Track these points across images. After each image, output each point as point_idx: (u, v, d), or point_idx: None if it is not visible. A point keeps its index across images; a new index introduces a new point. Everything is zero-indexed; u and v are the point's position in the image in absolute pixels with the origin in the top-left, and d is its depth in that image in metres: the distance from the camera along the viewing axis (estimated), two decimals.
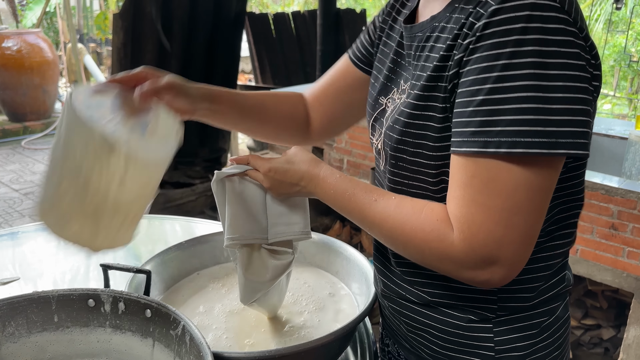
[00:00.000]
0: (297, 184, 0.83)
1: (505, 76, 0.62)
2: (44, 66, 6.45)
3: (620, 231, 2.32)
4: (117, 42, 3.81)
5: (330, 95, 1.02)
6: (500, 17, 0.63)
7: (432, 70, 0.72)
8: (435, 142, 0.73)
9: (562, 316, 0.85)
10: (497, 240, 0.65)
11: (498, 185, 0.64)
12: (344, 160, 3.43)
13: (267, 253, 0.89)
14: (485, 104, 0.64)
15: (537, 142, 0.62)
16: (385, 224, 0.74)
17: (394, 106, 0.82)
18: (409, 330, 0.89)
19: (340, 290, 1.11)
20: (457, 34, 0.68)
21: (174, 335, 0.81)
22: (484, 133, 0.64)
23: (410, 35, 0.81)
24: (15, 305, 0.84)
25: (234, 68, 4.64)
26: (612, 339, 2.77)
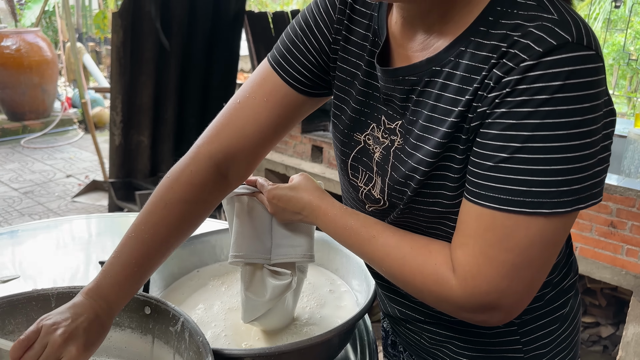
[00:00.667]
0: (299, 212, 0.83)
1: (535, 136, 0.58)
2: (43, 65, 6.45)
3: (619, 229, 2.32)
4: (116, 41, 3.81)
5: (269, 135, 0.82)
6: (536, 74, 0.58)
7: (449, 127, 0.65)
8: (455, 191, 0.68)
9: (574, 305, 0.86)
10: (500, 291, 0.64)
11: (512, 242, 0.62)
12: None
13: (268, 273, 0.89)
14: (510, 162, 0.60)
15: (563, 201, 0.59)
16: (384, 262, 0.73)
17: (386, 148, 0.75)
18: (431, 345, 0.88)
19: (341, 287, 1.11)
20: (477, 86, 0.63)
21: (173, 331, 0.81)
22: (506, 191, 0.61)
23: (394, 79, 0.71)
24: (15, 303, 0.84)
25: (233, 67, 4.64)
26: (611, 337, 2.77)
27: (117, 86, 3.93)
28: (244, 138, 0.81)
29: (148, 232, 0.79)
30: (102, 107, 6.89)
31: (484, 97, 0.62)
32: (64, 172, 5.28)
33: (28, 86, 6.37)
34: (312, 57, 0.80)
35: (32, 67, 6.33)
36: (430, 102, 0.68)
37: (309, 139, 3.63)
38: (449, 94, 0.66)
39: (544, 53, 0.58)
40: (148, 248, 0.79)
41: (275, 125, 0.81)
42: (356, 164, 0.80)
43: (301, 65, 0.80)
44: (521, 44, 0.59)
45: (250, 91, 0.82)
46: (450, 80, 0.66)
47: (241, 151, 0.82)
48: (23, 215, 4.22)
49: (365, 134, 0.78)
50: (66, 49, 7.53)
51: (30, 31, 6.61)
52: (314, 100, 0.84)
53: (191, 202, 0.81)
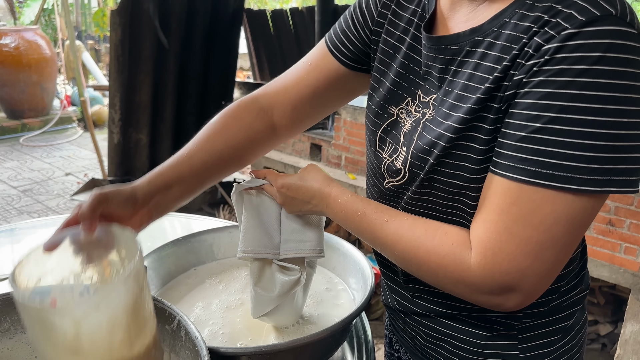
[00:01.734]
0: (309, 202, 0.82)
1: (571, 107, 0.58)
2: (42, 63, 6.44)
3: (617, 227, 2.32)
4: (115, 39, 3.81)
5: (307, 95, 0.91)
6: (576, 43, 0.57)
7: (483, 93, 0.65)
8: (478, 165, 0.68)
9: (581, 318, 0.85)
10: (521, 271, 0.63)
11: (537, 218, 0.61)
12: (342, 157, 3.43)
13: (278, 268, 0.89)
14: (543, 133, 0.59)
15: (593, 179, 0.58)
16: (397, 245, 0.72)
17: (415, 121, 0.76)
18: (427, 341, 0.87)
19: (337, 285, 1.11)
20: (516, 54, 0.62)
21: (169, 330, 0.81)
22: (536, 162, 0.60)
23: (437, 47, 0.73)
24: (12, 301, 0.83)
25: (232, 65, 4.64)
26: (610, 335, 2.78)
27: (116, 84, 3.93)
28: (286, 92, 0.92)
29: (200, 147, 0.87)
30: (101, 105, 6.88)
31: (522, 65, 0.62)
32: (63, 170, 5.27)
33: (27, 84, 6.36)
34: (357, 30, 0.87)
35: (31, 65, 6.31)
36: (468, 71, 0.69)
37: (308, 137, 3.63)
38: (488, 62, 0.66)
39: (585, 22, 0.57)
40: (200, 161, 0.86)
41: (314, 87, 0.90)
42: (385, 135, 0.82)
43: (345, 37, 0.88)
44: (564, 13, 0.59)
45: (303, 59, 0.93)
46: (490, 50, 0.66)
47: (281, 101, 0.92)
48: (22, 214, 4.22)
49: (399, 107, 0.80)
50: (65, 47, 7.52)
51: (29, 29, 6.60)
52: (353, 75, 0.89)
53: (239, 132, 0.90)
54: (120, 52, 3.84)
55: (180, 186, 0.83)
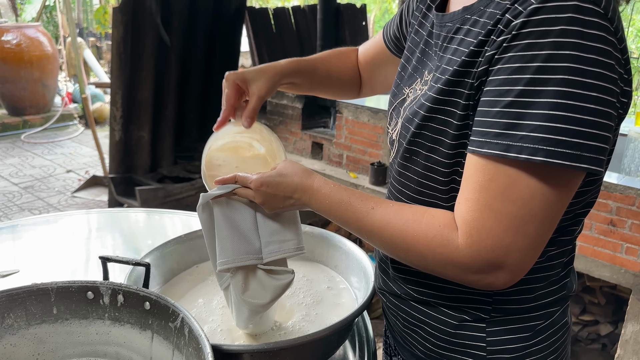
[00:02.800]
0: (291, 196, 0.81)
1: (537, 79, 0.59)
2: (44, 60, 6.44)
3: (618, 227, 2.32)
4: (117, 36, 3.80)
5: (371, 65, 1.10)
6: (540, 17, 0.60)
7: (459, 65, 0.69)
8: (453, 140, 0.70)
9: (560, 321, 0.83)
10: (505, 246, 0.64)
11: (515, 193, 0.63)
12: (343, 156, 3.43)
13: (264, 274, 0.86)
14: (513, 106, 0.61)
15: (560, 152, 0.59)
16: (384, 231, 0.73)
17: (414, 97, 0.80)
18: (404, 326, 0.89)
19: (339, 284, 1.11)
20: (491, 29, 0.65)
21: (172, 327, 0.81)
22: (507, 136, 0.61)
23: (440, 24, 0.78)
24: (15, 297, 0.84)
25: (234, 63, 4.64)
26: (610, 335, 2.78)
27: (118, 81, 3.93)
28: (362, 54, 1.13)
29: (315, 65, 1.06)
30: (103, 103, 6.88)
31: (493, 41, 0.64)
32: (64, 167, 5.27)
33: (28, 81, 6.36)
34: (401, 22, 0.98)
35: (32, 62, 6.32)
36: (454, 47, 0.73)
37: (309, 135, 3.63)
38: (470, 38, 0.70)
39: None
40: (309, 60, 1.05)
41: (373, 60, 1.10)
42: (394, 112, 0.88)
43: (395, 26, 1.01)
44: None
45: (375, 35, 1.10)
46: (474, 27, 0.70)
47: (360, 62, 1.13)
48: (23, 210, 4.23)
49: (411, 87, 0.85)
50: (67, 44, 7.52)
51: (31, 26, 6.60)
52: (391, 57, 1.04)
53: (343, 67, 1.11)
54: (122, 50, 3.84)
55: (301, 79, 1.01)
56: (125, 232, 1.58)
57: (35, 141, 6.12)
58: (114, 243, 1.49)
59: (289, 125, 3.71)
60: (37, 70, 6.38)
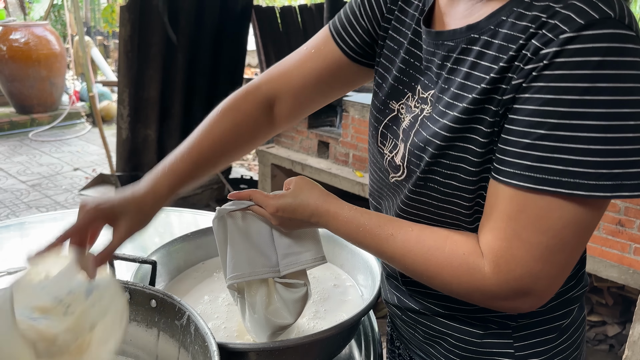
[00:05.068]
0: (308, 220, 0.80)
1: (574, 113, 0.57)
2: (52, 58, 6.46)
3: (627, 227, 2.31)
4: (124, 35, 3.81)
5: (308, 83, 0.89)
6: (575, 47, 0.56)
7: (480, 93, 0.64)
8: (475, 167, 0.67)
9: (579, 317, 0.84)
10: (534, 275, 0.63)
11: (546, 223, 0.61)
12: (349, 155, 3.42)
13: (282, 288, 0.86)
14: (547, 139, 0.58)
15: (602, 185, 0.57)
16: (406, 259, 0.72)
17: (414, 117, 0.75)
18: (425, 339, 0.87)
19: (345, 281, 1.11)
20: (514, 55, 0.61)
21: (178, 325, 0.81)
22: (542, 169, 0.59)
23: (435, 42, 0.72)
24: None
25: (241, 61, 4.64)
26: (617, 336, 2.76)
27: (125, 80, 3.94)
28: (289, 81, 0.90)
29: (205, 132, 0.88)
30: (110, 101, 6.91)
31: (520, 68, 0.61)
32: (71, 165, 5.30)
33: (36, 79, 6.39)
34: (364, 24, 0.85)
35: (40, 61, 6.34)
36: (465, 70, 0.68)
37: (316, 134, 3.62)
38: (485, 62, 0.65)
39: (584, 26, 0.56)
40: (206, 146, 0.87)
41: (317, 76, 0.88)
42: (386, 131, 0.81)
43: (352, 30, 0.85)
44: (562, 14, 0.58)
45: (306, 45, 0.91)
46: (487, 49, 0.65)
47: (285, 92, 0.91)
48: (30, 208, 4.25)
49: (400, 103, 0.79)
50: (74, 42, 7.55)
51: (39, 24, 6.63)
52: (357, 68, 0.88)
53: (244, 113, 0.90)
54: (130, 48, 3.84)
55: (191, 181, 0.87)
56: None
57: (43, 139, 6.15)
58: None
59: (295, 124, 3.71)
60: (45, 68, 6.41)
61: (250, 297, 0.86)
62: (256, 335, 0.90)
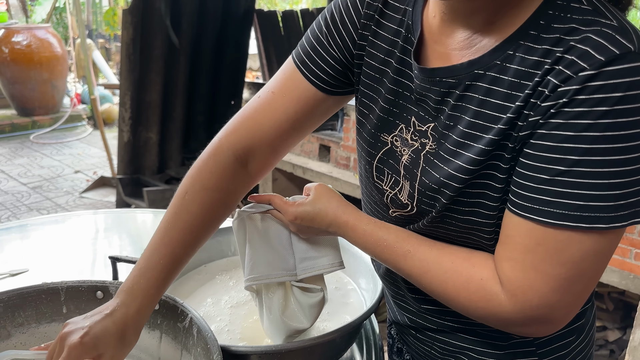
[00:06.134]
0: (326, 229, 0.79)
1: (594, 149, 0.56)
2: (53, 61, 6.49)
3: (627, 233, 2.31)
4: (126, 38, 3.83)
5: (285, 130, 0.81)
6: (596, 84, 0.55)
7: (496, 134, 0.62)
8: (495, 202, 0.66)
9: (590, 316, 0.85)
10: (551, 305, 0.63)
11: (565, 256, 0.60)
12: (350, 158, 3.42)
13: (299, 292, 0.86)
14: (567, 176, 0.57)
15: (620, 215, 0.57)
16: (423, 278, 0.71)
17: (415, 151, 0.72)
18: (442, 355, 0.86)
19: (347, 285, 1.11)
20: (530, 93, 0.59)
21: (181, 327, 0.81)
22: (563, 205, 0.58)
23: (431, 79, 0.68)
24: (25, 296, 0.84)
25: (242, 65, 4.65)
26: (618, 341, 2.76)
27: (127, 83, 3.95)
28: (261, 132, 0.81)
29: (174, 224, 0.79)
30: (111, 104, 6.92)
31: (537, 105, 0.59)
32: (72, 167, 5.30)
33: (38, 82, 6.41)
34: (335, 53, 0.78)
35: (42, 63, 6.36)
36: (473, 108, 0.65)
37: (317, 138, 3.63)
38: (496, 100, 0.63)
39: (605, 62, 0.55)
40: (177, 242, 0.79)
41: (293, 121, 0.80)
42: (382, 166, 0.77)
43: (323, 62, 0.78)
44: (579, 50, 0.56)
45: (271, 86, 0.82)
46: (497, 86, 0.63)
47: (258, 145, 0.82)
48: (31, 210, 4.25)
49: (392, 135, 0.75)
50: (76, 45, 7.57)
51: (40, 27, 6.65)
52: (335, 99, 0.82)
53: (212, 189, 0.81)
54: (132, 51, 3.86)
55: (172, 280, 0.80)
56: (132, 232, 1.59)
57: (44, 141, 6.15)
58: (121, 243, 1.50)
59: None
60: (47, 71, 6.43)
61: (268, 299, 0.87)
62: (272, 337, 0.91)
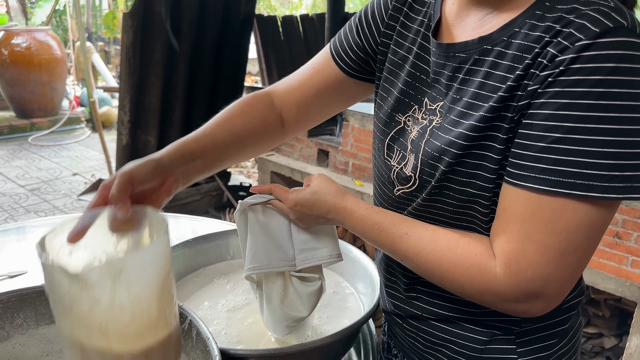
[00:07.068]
0: (325, 216, 0.82)
1: (589, 117, 0.59)
2: (53, 63, 6.49)
3: (624, 240, 2.32)
4: (126, 41, 3.83)
5: (309, 97, 0.94)
6: (590, 54, 0.59)
7: (497, 101, 0.66)
8: (492, 174, 0.68)
9: (576, 322, 0.85)
10: (545, 277, 0.64)
11: (559, 225, 0.62)
12: (349, 164, 3.43)
13: (298, 282, 0.87)
14: (563, 143, 0.60)
15: (614, 186, 0.59)
16: (419, 258, 0.73)
17: (422, 128, 0.77)
18: (426, 347, 0.87)
19: (345, 289, 1.12)
20: (530, 63, 0.63)
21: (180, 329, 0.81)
22: (558, 172, 0.61)
23: (446, 54, 0.74)
24: (25, 297, 0.84)
25: (242, 69, 4.66)
26: (614, 348, 2.76)
27: (126, 86, 3.95)
28: (291, 92, 0.95)
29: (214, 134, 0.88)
30: (110, 107, 6.92)
31: (535, 75, 0.63)
32: (70, 170, 5.30)
33: (37, 84, 6.41)
34: (360, 41, 0.88)
35: (41, 65, 6.37)
36: (478, 80, 0.69)
37: (315, 142, 3.64)
38: (499, 72, 0.67)
39: (600, 34, 0.59)
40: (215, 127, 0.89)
41: (315, 91, 0.94)
42: (393, 143, 0.82)
43: (349, 47, 0.90)
44: (576, 23, 0.60)
45: (313, 62, 0.96)
46: (501, 59, 0.67)
47: (288, 102, 0.95)
48: (29, 212, 4.24)
49: (406, 115, 0.80)
50: (76, 48, 7.58)
51: (40, 29, 6.66)
52: (356, 84, 0.92)
53: (252, 121, 0.92)
54: (132, 55, 3.86)
55: (203, 159, 0.85)
56: None
57: (42, 144, 6.15)
58: None
59: None
60: (46, 73, 6.43)
61: (268, 288, 0.88)
62: (273, 329, 0.92)
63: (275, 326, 0.91)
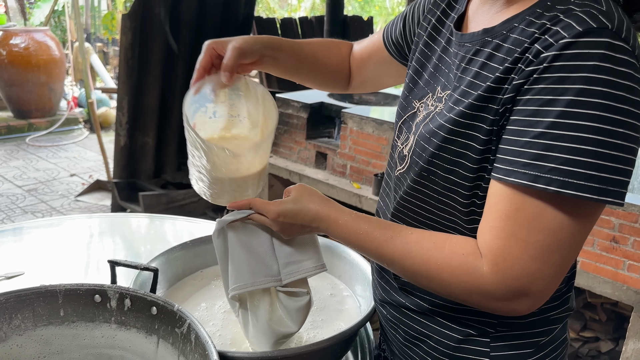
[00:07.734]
0: (309, 225, 0.81)
1: (568, 113, 0.60)
2: (51, 64, 6.48)
3: (621, 244, 2.32)
4: (125, 42, 3.83)
5: (366, 62, 1.08)
6: (573, 52, 0.61)
7: (485, 91, 0.69)
8: (474, 164, 0.71)
9: (559, 337, 0.84)
10: (531, 274, 0.65)
11: (542, 223, 0.63)
12: (347, 166, 3.43)
13: (284, 297, 0.86)
14: (543, 138, 0.62)
15: (589, 186, 0.60)
16: (406, 260, 0.73)
17: (427, 113, 0.80)
18: (405, 340, 0.89)
19: (343, 291, 1.12)
20: (518, 57, 0.66)
21: (179, 333, 0.82)
22: (535, 167, 0.62)
23: (459, 44, 0.78)
24: (23, 298, 0.84)
25: None
26: (611, 352, 2.76)
27: (124, 87, 3.95)
28: (359, 53, 1.09)
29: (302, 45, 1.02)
30: (108, 108, 6.91)
31: (521, 70, 0.65)
32: (68, 170, 5.29)
33: (35, 84, 6.40)
34: (401, 27, 0.98)
35: (40, 66, 6.35)
36: (475, 69, 0.72)
37: (314, 145, 3.64)
38: (493, 63, 0.69)
39: (582, 33, 0.61)
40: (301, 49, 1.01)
41: (368, 60, 1.07)
42: (403, 126, 0.87)
43: (392, 30, 1.00)
44: (564, 22, 0.63)
45: (378, 33, 1.07)
46: (497, 51, 0.70)
47: (354, 59, 1.09)
48: (26, 213, 4.23)
49: (421, 102, 0.85)
50: (74, 48, 7.57)
51: (39, 30, 6.65)
52: (391, 62, 1.03)
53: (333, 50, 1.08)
54: (130, 56, 3.86)
55: (285, 56, 0.96)
56: (126, 236, 1.59)
57: (40, 144, 6.14)
58: (115, 247, 1.50)
59: (294, 135, 3.72)
60: (44, 74, 6.42)
61: (253, 306, 0.87)
62: (259, 345, 0.91)
63: (262, 342, 0.89)
